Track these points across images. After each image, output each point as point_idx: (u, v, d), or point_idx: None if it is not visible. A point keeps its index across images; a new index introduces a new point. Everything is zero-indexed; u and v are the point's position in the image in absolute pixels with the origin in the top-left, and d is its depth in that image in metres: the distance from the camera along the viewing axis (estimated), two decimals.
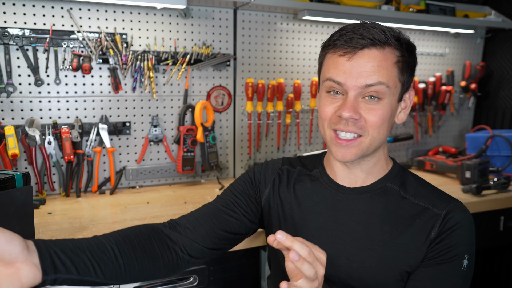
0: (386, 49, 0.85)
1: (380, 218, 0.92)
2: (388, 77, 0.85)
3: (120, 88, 1.73)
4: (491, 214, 1.76)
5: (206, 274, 1.28)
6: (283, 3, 1.83)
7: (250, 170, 1.11)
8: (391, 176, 0.97)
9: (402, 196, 0.93)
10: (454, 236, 0.87)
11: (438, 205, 0.91)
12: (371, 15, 2.01)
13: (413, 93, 0.95)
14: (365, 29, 0.85)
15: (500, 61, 2.51)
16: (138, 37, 1.76)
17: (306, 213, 0.99)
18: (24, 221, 1.06)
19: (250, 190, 1.06)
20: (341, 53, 0.86)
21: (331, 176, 1.00)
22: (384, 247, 0.90)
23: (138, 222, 1.37)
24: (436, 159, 2.15)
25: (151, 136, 1.82)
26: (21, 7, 1.56)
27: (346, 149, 0.89)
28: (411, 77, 0.92)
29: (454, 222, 0.88)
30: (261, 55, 2.01)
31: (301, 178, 1.05)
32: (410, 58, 0.89)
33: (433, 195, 0.94)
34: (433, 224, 0.88)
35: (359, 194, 0.95)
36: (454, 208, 0.90)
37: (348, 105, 0.85)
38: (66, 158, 1.64)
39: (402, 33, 0.90)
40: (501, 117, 2.50)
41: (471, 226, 0.90)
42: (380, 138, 0.89)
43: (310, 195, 1.01)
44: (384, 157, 0.97)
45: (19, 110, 1.60)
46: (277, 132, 2.10)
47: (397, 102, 0.90)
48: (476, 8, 2.47)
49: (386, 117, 0.87)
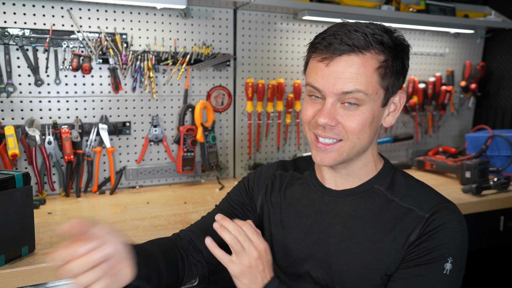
0: (367, 55, 0.82)
1: (364, 221, 0.90)
2: (367, 84, 0.82)
3: (120, 88, 1.73)
4: (491, 214, 1.76)
5: (206, 274, 1.28)
6: (283, 3, 1.83)
7: (245, 178, 1.12)
8: (379, 178, 0.94)
9: (388, 199, 0.91)
10: (435, 237, 0.83)
11: (424, 207, 0.87)
12: (371, 15, 2.01)
13: (404, 95, 0.92)
14: (346, 33, 0.82)
15: (500, 61, 2.51)
16: (138, 37, 1.76)
17: (294, 216, 0.99)
18: (24, 221, 1.06)
19: (245, 199, 1.08)
20: (320, 58, 0.85)
21: (319, 179, 1.00)
22: (365, 250, 0.88)
23: (138, 222, 1.37)
24: (436, 159, 2.15)
25: (151, 136, 1.82)
26: (21, 7, 1.56)
27: (325, 154, 0.88)
28: (399, 80, 0.88)
29: (437, 223, 0.84)
30: (261, 55, 2.01)
31: (292, 182, 1.05)
32: (396, 62, 0.85)
33: (421, 196, 0.90)
34: (415, 226, 0.85)
35: (345, 197, 0.94)
36: (441, 209, 0.86)
37: (324, 112, 0.84)
38: (66, 158, 1.64)
39: (392, 33, 0.86)
40: (501, 117, 2.50)
41: (459, 228, 0.84)
42: (362, 144, 0.88)
43: (299, 198, 1.01)
44: (372, 159, 0.95)
45: (19, 110, 1.60)
46: (277, 132, 2.10)
47: (381, 107, 0.87)
48: (476, 8, 2.47)
49: (367, 123, 0.85)
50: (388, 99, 0.88)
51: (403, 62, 0.87)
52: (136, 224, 1.36)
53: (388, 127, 0.93)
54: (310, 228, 0.96)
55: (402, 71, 0.88)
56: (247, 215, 1.07)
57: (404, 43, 0.88)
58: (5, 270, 1.01)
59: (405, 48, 0.88)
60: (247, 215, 1.07)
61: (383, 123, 0.92)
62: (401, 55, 0.87)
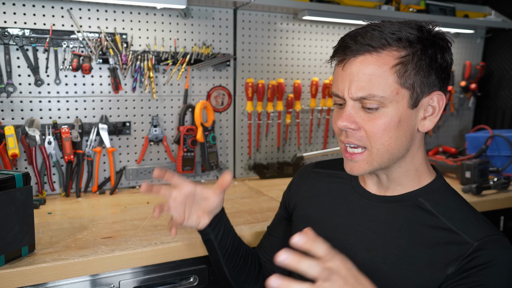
0: (383, 53, 0.77)
1: (400, 232, 0.83)
2: (383, 86, 0.77)
3: (120, 88, 1.73)
4: (491, 214, 1.75)
5: (206, 274, 1.28)
6: (283, 3, 1.83)
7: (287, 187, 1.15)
8: (427, 191, 0.87)
9: (432, 214, 0.83)
10: (487, 274, 0.74)
11: (473, 233, 0.78)
12: (371, 15, 2.01)
13: (443, 97, 0.82)
14: (363, 34, 0.79)
15: (500, 61, 2.51)
16: (138, 37, 1.76)
17: (325, 213, 0.97)
18: (24, 221, 1.06)
19: (283, 213, 1.13)
20: (338, 62, 0.83)
21: (360, 182, 0.96)
22: (396, 264, 0.81)
23: (138, 222, 1.37)
24: (436, 159, 2.15)
25: (151, 136, 1.82)
26: (21, 7, 1.56)
27: (353, 163, 0.84)
28: (431, 78, 0.79)
29: (489, 257, 0.75)
30: (261, 55, 2.01)
31: (331, 180, 1.02)
32: (423, 57, 0.78)
33: (471, 221, 0.81)
34: (460, 253, 0.77)
35: (383, 203, 0.89)
36: (493, 241, 0.77)
37: (344, 115, 0.81)
38: (66, 158, 1.64)
39: (422, 27, 0.79)
40: (501, 117, 2.50)
41: (511, 266, 0.76)
42: (391, 150, 0.81)
43: (334, 196, 0.98)
44: (414, 168, 0.87)
45: (19, 110, 1.60)
46: (277, 132, 2.10)
47: (409, 108, 0.80)
48: (476, 8, 2.47)
49: (391, 127, 0.79)
50: (417, 99, 0.80)
51: (432, 56, 0.79)
52: (136, 224, 1.36)
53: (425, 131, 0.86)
54: (338, 227, 0.92)
55: (433, 67, 0.79)
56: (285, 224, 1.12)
57: (440, 37, 0.80)
58: (5, 270, 1.01)
59: (438, 42, 0.80)
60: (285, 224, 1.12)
61: (419, 127, 0.83)
62: (434, 49, 0.79)
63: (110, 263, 1.12)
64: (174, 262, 1.22)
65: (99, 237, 1.24)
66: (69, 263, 1.07)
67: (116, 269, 1.14)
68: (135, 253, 1.15)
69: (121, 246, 1.17)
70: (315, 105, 2.12)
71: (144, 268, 1.20)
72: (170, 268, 1.23)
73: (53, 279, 1.07)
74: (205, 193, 0.97)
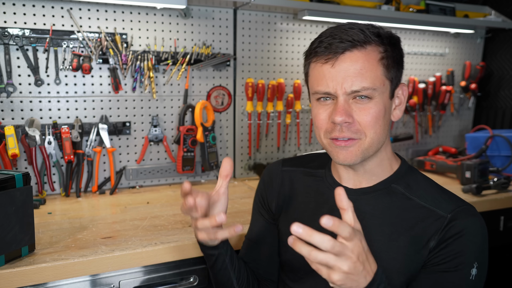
0: (368, 48, 0.83)
1: (382, 219, 0.89)
2: (374, 78, 0.83)
3: (120, 88, 1.73)
4: (491, 214, 1.75)
5: (206, 274, 1.28)
6: (283, 3, 1.83)
7: (257, 193, 1.13)
8: (397, 177, 0.94)
9: (407, 197, 0.90)
10: (460, 242, 0.82)
11: (445, 207, 0.86)
12: (371, 15, 2.01)
13: (406, 88, 0.92)
14: (343, 32, 0.83)
15: (500, 61, 2.51)
16: (138, 37, 1.76)
17: (309, 214, 0.99)
18: (24, 221, 1.06)
19: (265, 214, 1.10)
20: (323, 60, 0.85)
21: (335, 178, 0.99)
22: (382, 249, 0.87)
23: (138, 222, 1.37)
24: (436, 159, 2.15)
25: (151, 136, 1.82)
26: (21, 7, 1.56)
27: (346, 150, 0.87)
28: (400, 72, 0.90)
29: (461, 227, 0.83)
30: (261, 55, 2.01)
31: (306, 178, 1.04)
32: (395, 52, 0.87)
33: (441, 196, 0.90)
34: (437, 227, 0.84)
35: (361, 195, 0.93)
36: (463, 211, 0.85)
37: (340, 109, 0.83)
38: (66, 158, 1.64)
39: (382, 28, 0.88)
40: (501, 117, 2.50)
41: (482, 231, 0.84)
42: (379, 138, 0.87)
43: (314, 196, 1.00)
44: (387, 157, 0.94)
45: (19, 110, 1.60)
46: (277, 132, 2.10)
47: (389, 99, 0.88)
48: (476, 8, 2.47)
49: (380, 115, 0.85)
50: (393, 90, 0.89)
51: (400, 52, 0.89)
52: (136, 224, 1.36)
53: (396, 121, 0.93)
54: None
55: (401, 62, 0.90)
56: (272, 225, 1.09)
57: (394, 35, 0.89)
58: (5, 270, 1.01)
59: (398, 39, 0.90)
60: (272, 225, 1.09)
61: (392, 117, 0.92)
62: (398, 45, 0.89)
63: (110, 263, 1.12)
64: (174, 262, 1.22)
65: (99, 237, 1.24)
66: (69, 263, 1.07)
67: (116, 269, 1.14)
68: (135, 253, 1.15)
69: (121, 246, 1.17)
70: None
71: (144, 268, 1.20)
72: (170, 268, 1.23)
73: (53, 279, 1.07)
74: (213, 197, 0.90)
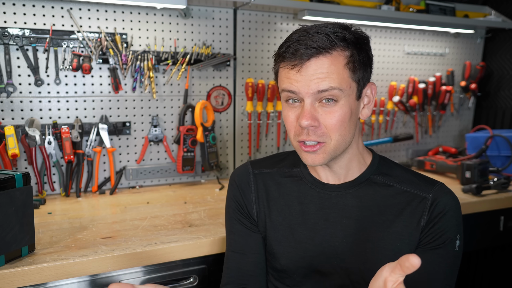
0: (334, 53, 0.84)
1: (371, 210, 0.93)
2: (340, 81, 0.84)
3: (120, 88, 1.73)
4: (491, 214, 1.76)
5: (206, 274, 1.28)
6: (283, 3, 1.83)
7: (230, 201, 1.06)
8: (373, 168, 0.98)
9: (387, 185, 0.95)
10: (444, 219, 0.90)
11: (424, 189, 0.93)
12: (371, 15, 2.01)
13: (374, 86, 0.94)
14: (309, 37, 0.84)
15: (500, 61, 2.51)
16: (138, 37, 1.76)
17: (296, 216, 0.98)
18: (24, 221, 1.06)
19: (246, 222, 1.04)
20: (290, 66, 0.86)
21: (314, 176, 1.00)
22: (379, 237, 0.91)
23: (138, 222, 1.37)
24: (436, 159, 2.15)
25: (151, 136, 1.82)
26: (21, 7, 1.56)
27: (314, 155, 0.89)
28: (368, 72, 0.91)
29: (443, 205, 0.90)
30: (261, 55, 2.01)
31: (283, 180, 1.03)
32: (361, 54, 0.88)
33: (417, 179, 0.96)
34: (423, 208, 0.91)
35: (345, 190, 0.96)
36: (440, 190, 0.92)
37: (306, 113, 0.85)
38: (66, 158, 1.64)
39: (349, 29, 0.88)
40: (501, 117, 2.50)
41: (458, 205, 0.92)
42: (345, 140, 0.90)
43: (297, 197, 1.00)
44: (359, 151, 0.97)
45: (19, 110, 1.60)
46: (277, 132, 2.10)
47: (356, 100, 0.90)
48: (476, 8, 2.47)
49: (346, 118, 0.87)
50: (361, 91, 0.90)
51: (367, 53, 0.90)
52: (136, 224, 1.36)
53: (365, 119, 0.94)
54: (315, 226, 0.96)
55: (368, 62, 0.91)
56: (256, 233, 1.03)
57: (363, 35, 0.90)
58: (5, 270, 1.01)
59: (366, 40, 0.91)
60: (258, 233, 1.03)
61: (360, 116, 0.94)
62: (364, 47, 0.90)
63: (110, 263, 1.12)
64: (174, 262, 1.23)
65: (99, 237, 1.24)
66: (69, 263, 1.07)
67: (116, 269, 1.14)
68: (135, 253, 1.15)
69: (121, 246, 1.17)
70: None
71: (144, 268, 1.20)
72: (170, 268, 1.23)
73: (53, 279, 1.07)
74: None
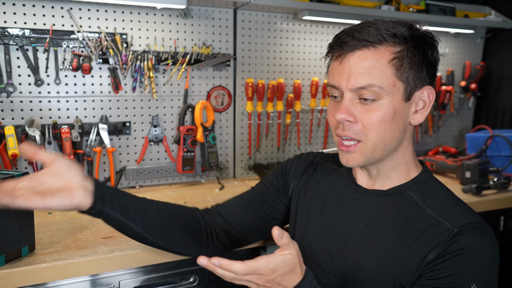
0: (380, 48, 0.81)
1: (388, 224, 0.88)
2: (382, 77, 0.81)
3: (120, 88, 1.73)
4: (491, 214, 1.75)
5: (206, 274, 1.28)
6: (283, 3, 1.83)
7: (283, 162, 1.14)
8: (414, 184, 0.90)
9: (419, 206, 0.87)
10: (460, 260, 0.77)
11: (454, 221, 0.81)
12: (371, 15, 2.00)
13: (432, 91, 0.86)
14: (359, 30, 0.83)
15: (500, 61, 2.51)
16: (138, 37, 1.76)
17: (321, 207, 1.00)
18: (24, 221, 1.06)
19: (280, 182, 1.11)
20: (335, 57, 0.86)
21: (353, 175, 1.00)
22: (382, 254, 0.86)
23: None
24: (436, 159, 2.15)
25: (151, 136, 1.82)
26: (21, 7, 1.56)
27: (349, 155, 0.87)
28: (422, 74, 0.84)
29: (465, 244, 0.78)
30: (261, 55, 2.01)
31: (329, 173, 1.05)
32: (415, 53, 0.82)
33: (454, 210, 0.84)
34: (440, 240, 0.80)
35: (374, 197, 0.92)
36: (472, 229, 0.80)
37: (342, 107, 0.84)
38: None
39: (411, 26, 0.84)
40: (501, 117, 2.50)
41: (488, 253, 0.78)
42: (385, 142, 0.84)
43: (330, 190, 1.01)
44: (404, 161, 0.91)
45: (19, 110, 1.60)
46: (277, 132, 2.10)
47: (403, 101, 0.84)
48: (476, 8, 2.47)
49: (386, 119, 0.82)
50: (410, 93, 0.84)
51: (425, 53, 0.84)
52: None
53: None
54: (332, 221, 0.96)
55: (425, 63, 0.84)
56: (278, 198, 1.09)
57: (427, 35, 0.85)
58: (5, 270, 1.01)
59: (428, 40, 0.85)
60: (278, 197, 1.09)
61: (411, 120, 0.87)
62: (423, 47, 0.84)
63: (110, 263, 1.12)
64: (174, 262, 1.22)
65: (99, 237, 1.24)
66: (69, 263, 1.07)
67: (116, 269, 1.14)
68: (135, 253, 1.15)
69: (121, 246, 1.17)
70: (315, 105, 2.12)
71: (144, 268, 1.20)
72: (170, 268, 1.23)
73: (53, 279, 1.07)
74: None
